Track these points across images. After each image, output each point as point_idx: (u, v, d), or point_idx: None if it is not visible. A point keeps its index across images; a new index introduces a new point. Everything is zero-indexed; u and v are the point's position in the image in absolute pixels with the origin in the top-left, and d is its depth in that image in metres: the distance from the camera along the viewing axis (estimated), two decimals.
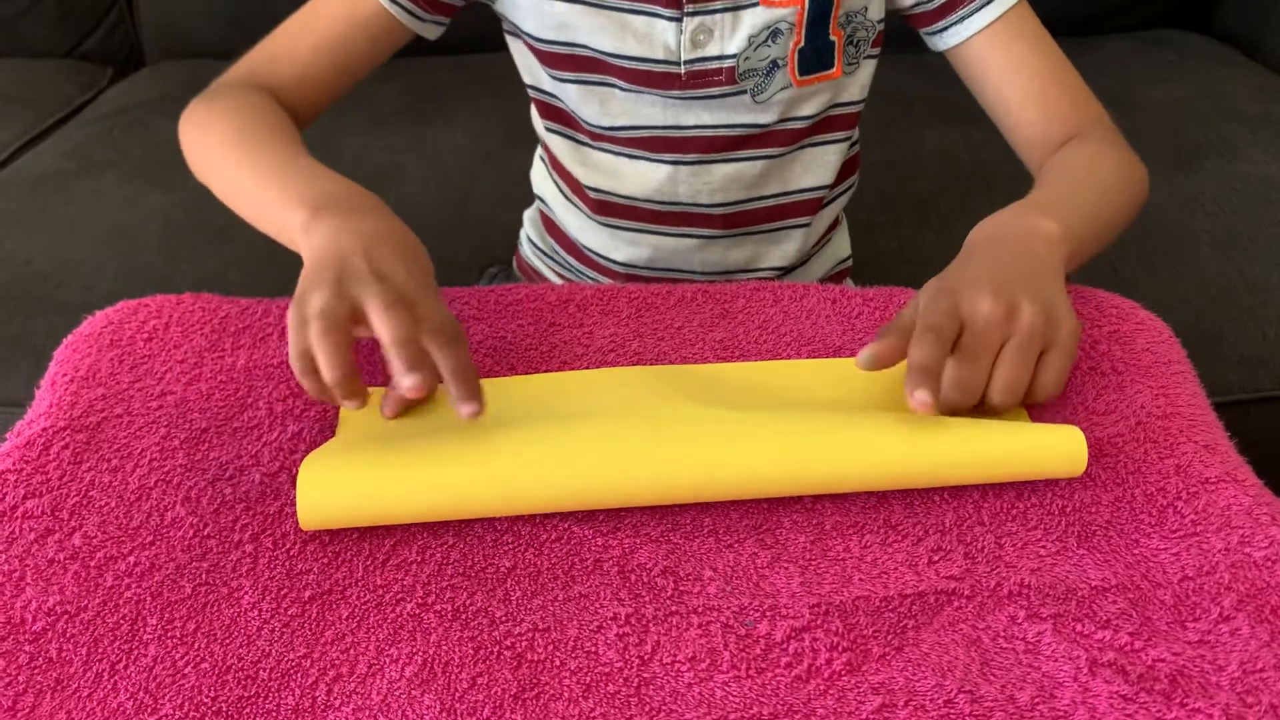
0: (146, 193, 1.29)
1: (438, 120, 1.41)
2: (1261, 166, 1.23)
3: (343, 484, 0.54)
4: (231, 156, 0.71)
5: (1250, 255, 1.10)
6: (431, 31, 0.82)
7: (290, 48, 0.80)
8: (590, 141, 0.84)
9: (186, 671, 0.48)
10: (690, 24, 0.76)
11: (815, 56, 0.78)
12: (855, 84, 0.83)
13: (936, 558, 0.53)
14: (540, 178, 0.94)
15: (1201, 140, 1.27)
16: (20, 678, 0.47)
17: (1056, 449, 0.55)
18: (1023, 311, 0.58)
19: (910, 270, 1.12)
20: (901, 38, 0.84)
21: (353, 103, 1.51)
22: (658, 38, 0.76)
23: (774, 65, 0.78)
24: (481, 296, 0.71)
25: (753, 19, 0.76)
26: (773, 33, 0.76)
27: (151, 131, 1.43)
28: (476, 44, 0.88)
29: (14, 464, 0.58)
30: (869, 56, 0.82)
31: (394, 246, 0.61)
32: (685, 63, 0.77)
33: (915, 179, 1.26)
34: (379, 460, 0.55)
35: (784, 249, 0.88)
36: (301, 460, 0.58)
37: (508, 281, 1.04)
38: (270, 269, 1.15)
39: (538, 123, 0.89)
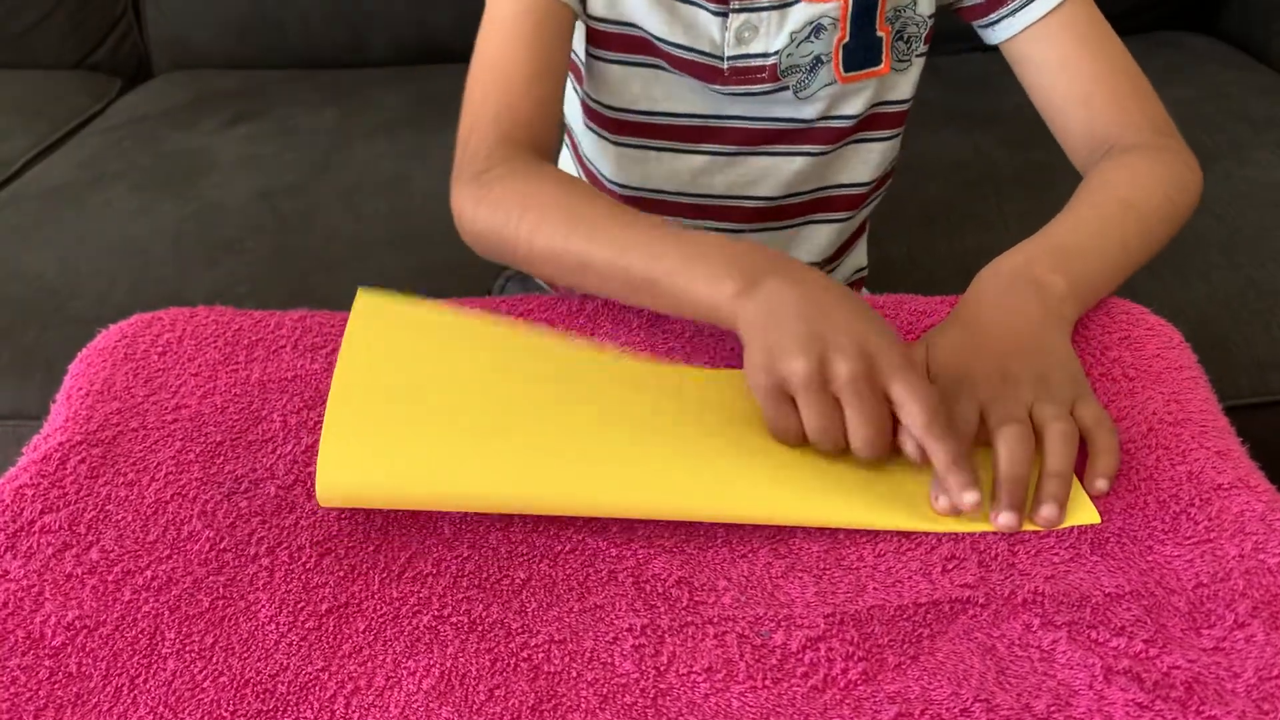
0: (157, 203, 1.29)
1: (444, 128, 1.42)
2: (1269, 170, 1.22)
3: (369, 461, 0.54)
4: (590, 251, 0.66)
5: (1259, 259, 1.10)
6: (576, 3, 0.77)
7: (511, 88, 0.74)
8: (614, 136, 0.82)
9: (205, 685, 0.48)
10: (735, 20, 0.75)
11: (862, 53, 0.77)
12: (905, 82, 0.81)
13: (950, 566, 0.53)
14: (568, 169, 0.93)
15: (1209, 143, 1.27)
16: (41, 692, 0.48)
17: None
18: (1048, 416, 0.57)
19: (920, 276, 1.13)
20: None
21: (361, 111, 1.53)
22: (703, 30, 0.76)
23: (818, 61, 0.77)
24: (494, 307, 0.71)
25: (797, 15, 0.75)
26: (815, 28, 0.76)
27: (161, 142, 1.44)
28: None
29: (31, 479, 0.58)
30: (920, 54, 0.81)
31: (837, 294, 0.59)
32: (729, 59, 0.77)
33: (925, 185, 1.26)
34: (409, 440, 0.55)
35: (812, 244, 0.87)
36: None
37: (521, 288, 1.04)
38: (279, 280, 1.16)
39: (576, 117, 0.87)
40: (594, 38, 0.79)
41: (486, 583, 0.53)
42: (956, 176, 1.28)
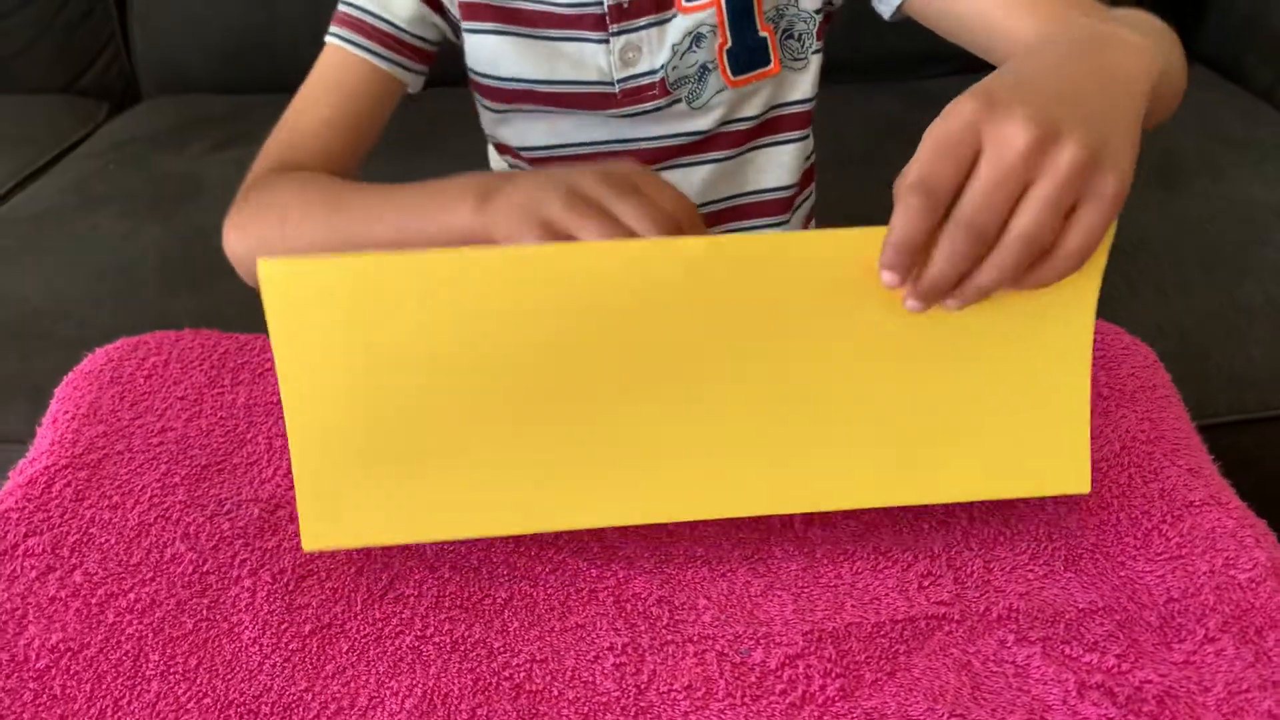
0: (144, 227, 1.30)
1: (433, 150, 1.43)
2: (1245, 187, 1.24)
3: (353, 499, 0.53)
4: (310, 212, 0.70)
5: (1236, 276, 1.11)
6: (417, 83, 0.82)
7: (301, 132, 0.79)
8: (530, 168, 0.85)
9: (189, 707, 0.48)
10: (618, 43, 0.77)
11: (747, 55, 0.79)
12: (805, 80, 0.82)
13: (926, 583, 0.54)
14: None
15: (1186, 162, 1.29)
16: (25, 716, 0.48)
17: (1056, 465, 0.54)
18: (1064, 146, 0.45)
19: None
20: (879, 67, 0.84)
21: None
22: (589, 61, 0.78)
23: (704, 69, 0.79)
24: None
25: (675, 27, 0.77)
26: (695, 37, 0.77)
27: (148, 166, 1.44)
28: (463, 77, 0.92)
29: (16, 503, 0.58)
30: (815, 51, 0.82)
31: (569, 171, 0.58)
32: (618, 81, 0.78)
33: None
34: (389, 471, 0.52)
35: None
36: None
37: None
38: None
39: (495, 162, 0.91)
40: (488, 94, 0.82)
41: (468, 603, 0.53)
42: None
